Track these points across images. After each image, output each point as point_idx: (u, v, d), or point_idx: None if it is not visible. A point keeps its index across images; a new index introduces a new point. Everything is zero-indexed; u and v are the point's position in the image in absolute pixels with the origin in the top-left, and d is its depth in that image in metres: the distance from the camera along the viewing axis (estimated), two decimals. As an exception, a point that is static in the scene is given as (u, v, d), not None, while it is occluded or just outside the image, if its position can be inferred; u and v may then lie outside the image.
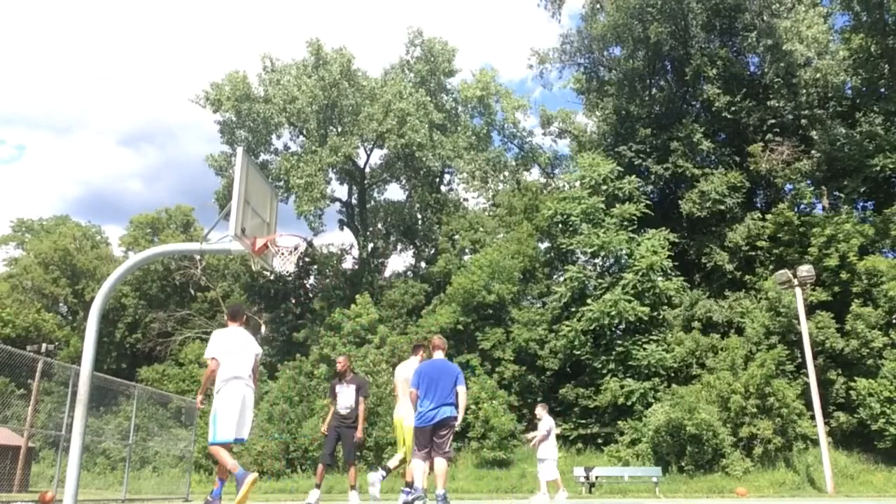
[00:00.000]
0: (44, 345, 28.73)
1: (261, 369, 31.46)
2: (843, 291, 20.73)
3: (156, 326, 36.13)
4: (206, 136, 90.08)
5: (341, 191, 44.16)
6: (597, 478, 18.75)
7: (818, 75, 24.08)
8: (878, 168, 22.28)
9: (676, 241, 24.38)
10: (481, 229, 30.30)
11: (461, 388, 6.96)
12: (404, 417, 8.02)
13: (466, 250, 29.93)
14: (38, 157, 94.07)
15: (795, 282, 18.88)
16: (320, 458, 8.64)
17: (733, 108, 24.89)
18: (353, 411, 8.82)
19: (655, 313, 22.72)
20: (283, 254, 7.46)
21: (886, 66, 24.36)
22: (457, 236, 30.45)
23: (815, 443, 18.29)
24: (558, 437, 21.92)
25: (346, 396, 8.85)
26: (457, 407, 6.90)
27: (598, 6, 30.58)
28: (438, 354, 7.26)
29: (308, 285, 34.84)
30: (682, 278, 24.04)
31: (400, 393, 8.27)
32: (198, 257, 36.87)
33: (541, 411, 12.78)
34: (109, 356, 37.13)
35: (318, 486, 9.02)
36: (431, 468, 7.03)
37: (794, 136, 24.98)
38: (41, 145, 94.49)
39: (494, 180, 35.33)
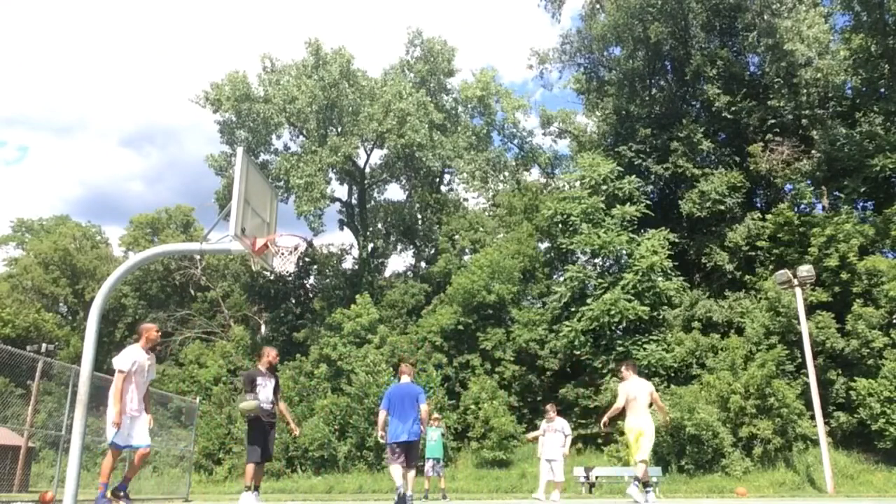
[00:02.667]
0: (44, 345, 28.75)
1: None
2: (843, 291, 20.70)
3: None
4: (208, 136, 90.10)
5: (341, 191, 44.16)
6: (597, 478, 18.75)
7: (818, 75, 24.06)
8: (878, 168, 22.25)
9: (676, 241, 24.36)
10: (481, 229, 30.30)
11: (423, 406, 8.30)
12: (640, 426, 9.14)
13: (466, 250, 29.94)
14: (41, 158, 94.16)
15: (795, 282, 18.86)
16: (253, 457, 8.01)
17: (733, 108, 24.87)
18: (275, 407, 8.41)
19: (655, 313, 22.70)
20: (283, 254, 7.47)
21: (886, 66, 24.34)
22: (457, 236, 30.44)
23: (815, 443, 18.27)
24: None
25: (268, 391, 8.33)
26: (420, 422, 8.28)
27: (598, 6, 30.58)
28: (405, 379, 8.72)
29: (308, 285, 34.84)
30: (682, 278, 24.03)
31: (630, 405, 9.27)
32: (198, 257, 36.88)
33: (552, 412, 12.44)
34: (109, 356, 37.08)
35: (254, 489, 8.05)
36: (414, 473, 8.41)
37: (794, 136, 24.96)
38: (43, 146, 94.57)
39: (494, 180, 35.32)
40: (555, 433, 11.83)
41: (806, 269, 18.85)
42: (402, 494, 8.00)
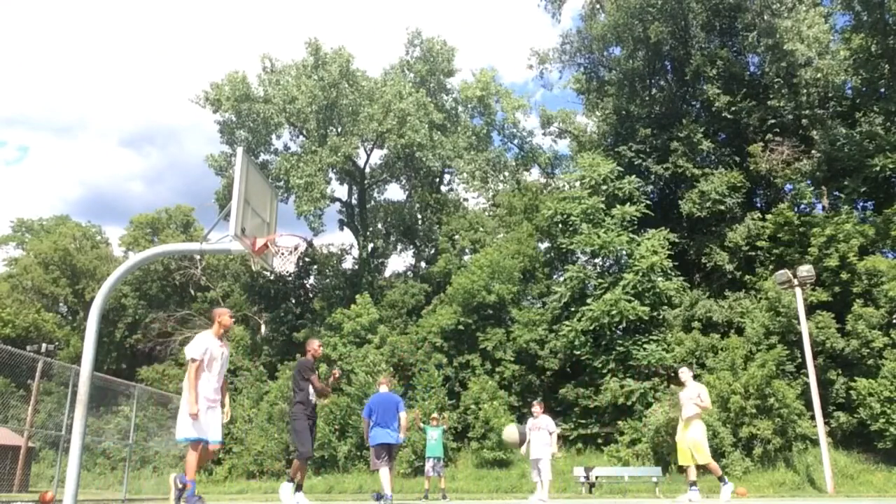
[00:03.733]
0: (44, 345, 28.73)
1: (260, 369, 31.35)
2: (843, 291, 20.68)
3: (156, 326, 36.14)
4: (208, 136, 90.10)
5: (341, 191, 44.19)
6: (597, 478, 18.74)
7: (819, 75, 24.04)
8: (878, 168, 22.24)
9: (676, 241, 24.35)
10: (481, 229, 30.29)
11: (402, 414, 9.46)
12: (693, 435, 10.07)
13: (466, 250, 29.93)
14: (41, 158, 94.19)
15: (795, 282, 18.85)
16: (306, 453, 8.13)
17: (733, 108, 24.86)
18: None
19: (655, 313, 22.70)
20: (283, 254, 7.46)
21: (887, 66, 24.32)
22: (457, 236, 30.43)
23: (815, 443, 18.26)
24: (558, 436, 22.00)
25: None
26: (399, 429, 9.34)
27: (598, 6, 30.58)
28: (384, 389, 10.09)
29: (308, 285, 34.85)
30: (682, 278, 24.02)
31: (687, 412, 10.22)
32: (198, 257, 36.87)
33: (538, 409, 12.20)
34: (109, 356, 37.16)
35: (299, 487, 8.37)
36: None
37: (794, 136, 24.95)
38: (43, 146, 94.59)
39: (494, 180, 35.31)
40: (539, 431, 11.41)
41: (806, 269, 18.84)
42: (389, 498, 8.77)
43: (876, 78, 24.90)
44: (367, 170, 35.54)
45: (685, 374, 10.66)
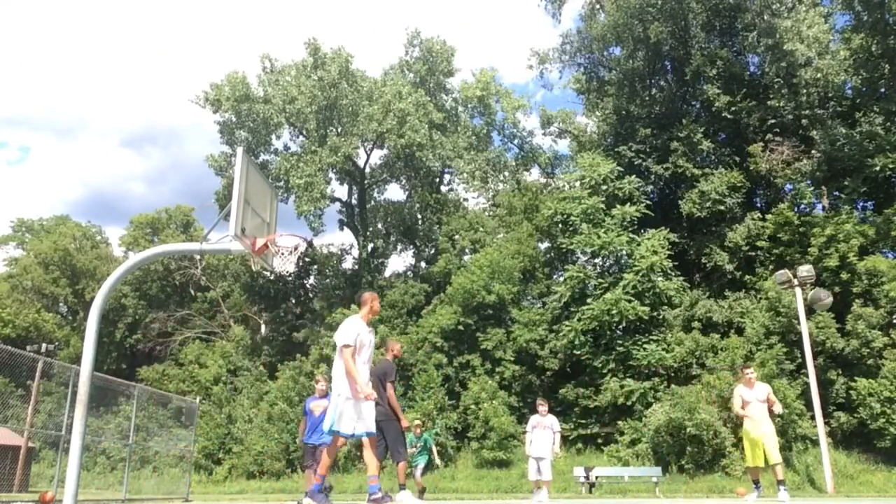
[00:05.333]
0: (44, 345, 28.73)
1: (261, 369, 31.23)
2: (843, 291, 20.69)
3: (156, 326, 36.14)
4: (209, 137, 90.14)
5: (341, 191, 44.17)
6: (597, 478, 18.73)
7: (819, 75, 24.03)
8: (878, 168, 22.23)
9: (676, 241, 24.35)
10: (481, 229, 30.28)
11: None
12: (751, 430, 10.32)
13: (466, 250, 29.92)
14: (42, 159, 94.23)
15: (795, 282, 18.85)
16: (404, 454, 8.79)
17: (733, 108, 24.85)
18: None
19: (655, 313, 22.70)
20: (283, 254, 7.47)
21: (887, 66, 24.32)
22: (457, 236, 30.42)
23: (815, 443, 18.26)
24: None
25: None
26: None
27: (598, 6, 30.57)
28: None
29: (308, 285, 34.86)
30: (682, 278, 24.01)
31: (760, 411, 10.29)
32: (198, 257, 36.87)
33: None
34: (109, 356, 37.14)
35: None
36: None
37: (794, 136, 24.94)
38: (45, 147, 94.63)
39: (494, 180, 35.29)
40: (544, 430, 11.41)
41: (806, 269, 18.84)
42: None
43: (876, 78, 24.90)
44: (367, 170, 35.55)
45: (750, 373, 10.72)
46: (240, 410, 26.67)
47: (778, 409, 10.34)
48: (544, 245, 28.16)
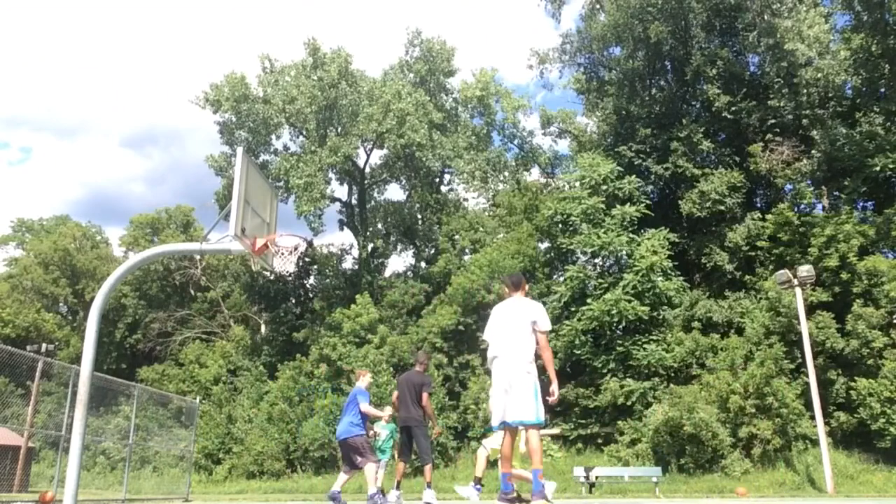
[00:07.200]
0: (44, 345, 28.72)
1: (260, 369, 31.13)
2: (843, 291, 20.69)
3: (156, 326, 36.11)
4: (210, 137, 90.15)
5: (341, 191, 44.20)
6: (597, 478, 18.72)
7: (819, 75, 24.02)
8: (878, 168, 22.24)
9: (676, 241, 24.35)
10: (481, 229, 30.29)
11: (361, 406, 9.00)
12: None
13: (466, 250, 29.92)
14: (43, 159, 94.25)
15: (795, 282, 18.85)
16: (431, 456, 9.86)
17: (733, 108, 24.86)
18: None
19: (655, 313, 22.69)
20: (283, 254, 7.47)
21: (887, 66, 24.32)
22: (457, 236, 30.43)
23: (815, 443, 18.26)
24: (558, 436, 22.00)
25: None
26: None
27: (598, 6, 30.55)
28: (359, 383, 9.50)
29: (308, 285, 34.83)
30: (682, 278, 24.01)
31: None
32: (198, 257, 36.87)
33: None
34: (109, 356, 37.13)
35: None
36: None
37: (794, 136, 24.94)
38: (46, 148, 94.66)
39: (494, 180, 35.27)
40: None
41: (806, 269, 18.85)
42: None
43: (876, 78, 24.91)
44: (367, 170, 35.53)
45: None
46: (240, 410, 26.66)
47: None
48: (544, 245, 28.16)
